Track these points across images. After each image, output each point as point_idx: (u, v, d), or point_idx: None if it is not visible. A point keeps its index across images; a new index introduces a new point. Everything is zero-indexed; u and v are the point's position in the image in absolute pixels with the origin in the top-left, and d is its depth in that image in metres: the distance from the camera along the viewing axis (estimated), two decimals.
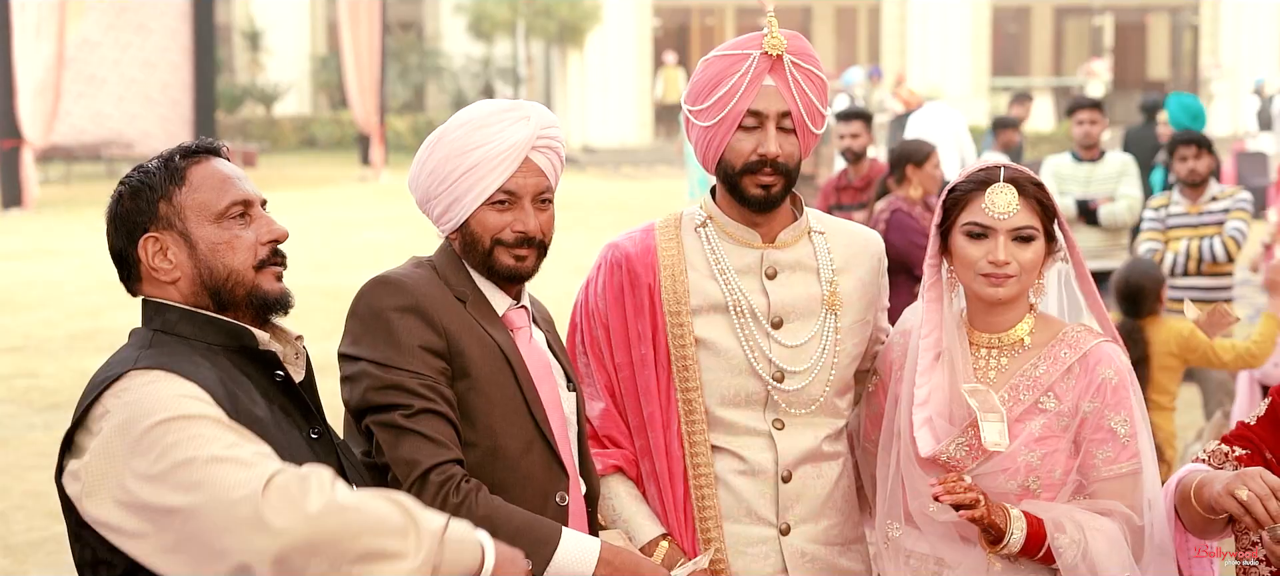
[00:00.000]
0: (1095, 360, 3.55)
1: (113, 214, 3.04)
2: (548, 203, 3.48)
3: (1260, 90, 28.50)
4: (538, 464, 3.40)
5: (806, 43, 3.67)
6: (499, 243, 3.42)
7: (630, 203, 24.70)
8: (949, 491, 3.34)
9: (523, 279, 3.48)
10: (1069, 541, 3.40)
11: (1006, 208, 3.51)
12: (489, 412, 3.35)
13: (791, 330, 3.68)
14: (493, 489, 3.29)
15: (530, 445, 3.40)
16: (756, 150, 3.60)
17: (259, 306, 3.04)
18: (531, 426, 3.41)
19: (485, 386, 3.35)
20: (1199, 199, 9.24)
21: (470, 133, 3.40)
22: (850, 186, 9.93)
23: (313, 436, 3.06)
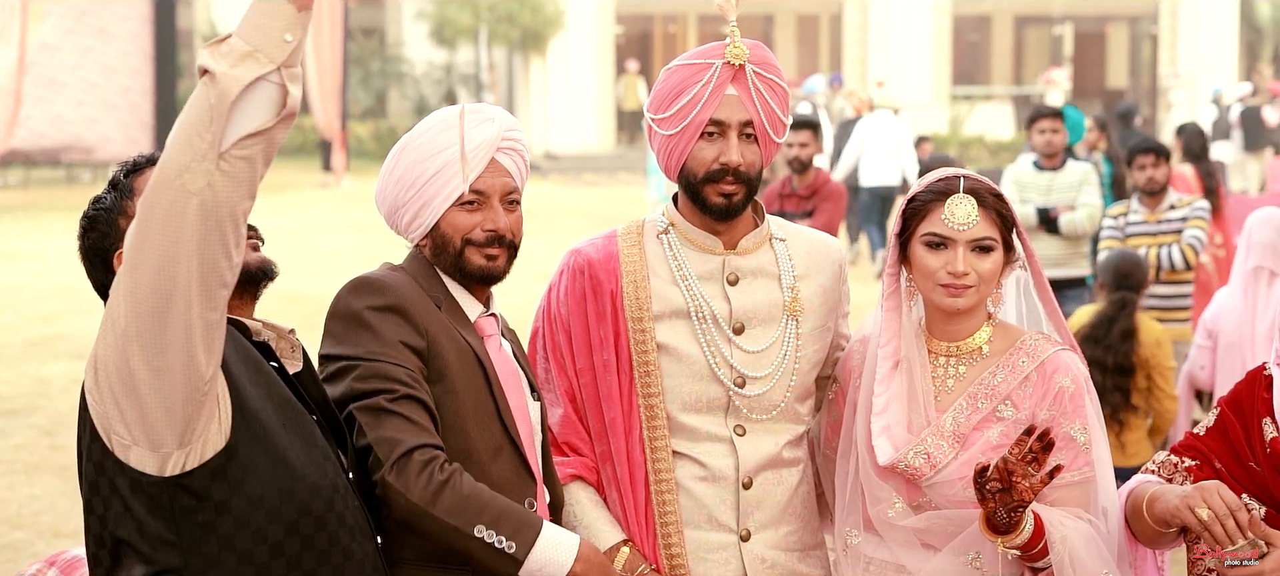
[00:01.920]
0: (1052, 368, 3.58)
1: (83, 251, 3.13)
2: (516, 204, 3.52)
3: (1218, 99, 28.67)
4: (507, 469, 3.41)
5: (768, 52, 3.69)
6: (470, 242, 3.44)
7: (593, 209, 24.69)
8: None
9: (494, 279, 3.49)
10: (1059, 537, 3.42)
11: (966, 219, 3.53)
12: (462, 416, 3.36)
13: (753, 336, 3.70)
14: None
15: (500, 450, 3.41)
16: (718, 159, 3.62)
17: (244, 281, 3.08)
18: (502, 432, 3.42)
19: (459, 390, 3.36)
20: (1157, 207, 9.31)
21: (436, 136, 3.43)
22: (795, 194, 9.94)
23: (317, 419, 3.12)
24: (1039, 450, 3.27)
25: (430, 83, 38.68)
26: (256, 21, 2.75)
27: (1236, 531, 3.22)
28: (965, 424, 3.56)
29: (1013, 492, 3.29)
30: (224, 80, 2.70)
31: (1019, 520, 3.36)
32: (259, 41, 2.74)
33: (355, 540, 3.07)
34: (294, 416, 3.02)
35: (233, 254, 2.78)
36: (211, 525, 2.88)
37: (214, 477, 2.86)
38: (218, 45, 2.74)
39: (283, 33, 2.75)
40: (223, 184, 2.71)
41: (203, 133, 2.70)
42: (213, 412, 2.85)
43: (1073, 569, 3.42)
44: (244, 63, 2.72)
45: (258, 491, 2.91)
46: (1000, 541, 3.40)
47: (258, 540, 2.92)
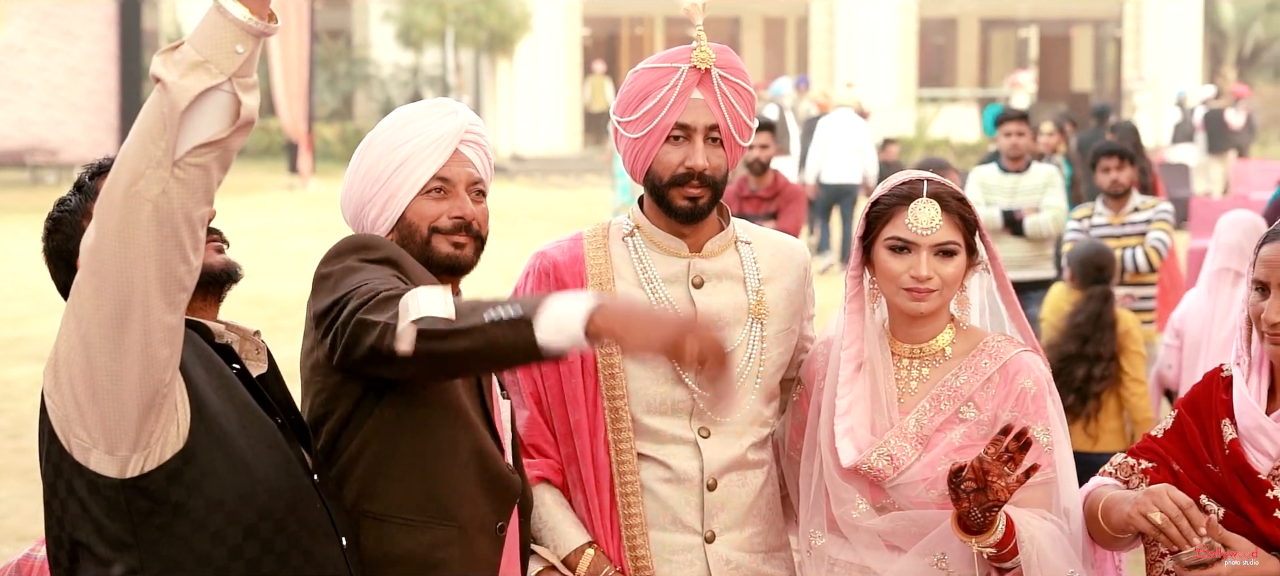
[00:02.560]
0: (1015, 370, 3.60)
1: (47, 253, 3.12)
2: (482, 195, 3.52)
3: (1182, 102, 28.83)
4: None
5: (735, 56, 3.70)
6: (436, 230, 3.44)
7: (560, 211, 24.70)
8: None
9: (462, 269, 3.48)
10: (1027, 536, 3.44)
11: (929, 223, 3.55)
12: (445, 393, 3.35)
13: None
14: (439, 478, 3.29)
15: (494, 405, 3.43)
16: (684, 163, 3.63)
17: (208, 282, 3.08)
18: (482, 412, 3.42)
19: None
20: (1122, 210, 9.37)
21: (400, 129, 3.44)
22: (755, 196, 9.96)
23: (277, 422, 3.09)
24: (1015, 450, 3.28)
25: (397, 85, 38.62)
26: (208, 31, 2.73)
27: (1190, 530, 3.25)
28: (928, 425, 3.58)
29: (988, 492, 3.31)
30: (174, 90, 2.68)
31: (993, 520, 3.38)
32: (210, 52, 2.71)
33: (317, 543, 3.05)
34: (254, 420, 3.01)
35: (191, 258, 2.76)
36: (169, 527, 2.87)
37: (171, 480, 2.85)
38: (170, 53, 2.72)
39: (233, 44, 2.72)
40: (177, 191, 2.70)
41: (156, 140, 2.68)
42: (171, 415, 2.85)
43: (1040, 567, 3.44)
44: (194, 72, 2.69)
45: (216, 494, 2.89)
46: (974, 541, 3.41)
47: (216, 542, 2.90)
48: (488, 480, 3.36)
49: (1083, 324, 7.47)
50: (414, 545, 3.28)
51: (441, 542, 3.29)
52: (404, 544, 3.28)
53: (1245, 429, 3.40)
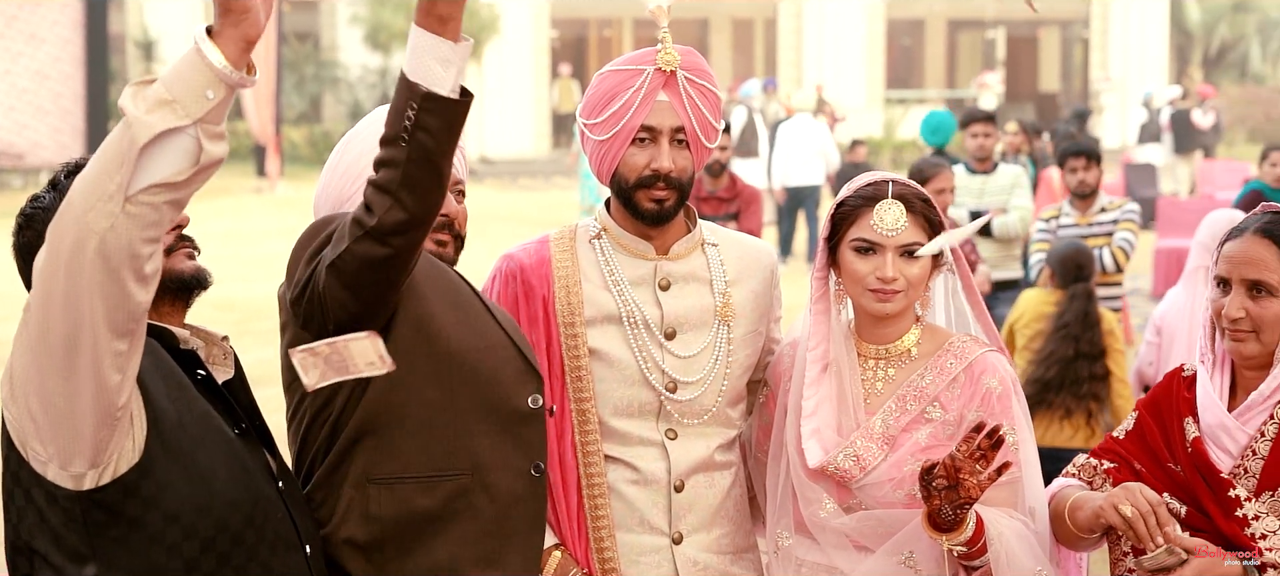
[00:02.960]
0: (980, 370, 3.61)
1: (16, 249, 3.11)
2: (462, 195, 3.54)
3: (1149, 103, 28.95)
4: (508, 365, 3.46)
5: (700, 58, 3.71)
6: None
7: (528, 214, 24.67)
8: None
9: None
10: (996, 534, 3.45)
11: (894, 224, 3.56)
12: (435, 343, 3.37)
13: (684, 341, 3.72)
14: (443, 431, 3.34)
15: (497, 347, 3.45)
16: (650, 165, 3.63)
17: (177, 288, 3.09)
18: (497, 328, 3.46)
19: (428, 294, 3.38)
20: (1088, 210, 9.40)
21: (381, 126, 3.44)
22: (713, 197, 9.98)
23: (237, 431, 3.08)
24: (987, 448, 3.30)
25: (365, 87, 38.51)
26: (182, 70, 2.69)
27: (1156, 528, 3.26)
28: (894, 426, 3.59)
29: (959, 490, 3.32)
30: (135, 125, 2.64)
31: (963, 518, 3.39)
32: (179, 92, 2.67)
33: (276, 554, 3.03)
34: (211, 431, 2.99)
35: (137, 292, 2.72)
36: (124, 539, 2.85)
37: (127, 493, 2.84)
38: (141, 87, 2.68)
39: (205, 88, 2.68)
40: (125, 226, 2.65)
41: (112, 173, 2.64)
42: (127, 431, 2.83)
43: (1008, 565, 3.45)
44: (159, 111, 2.65)
45: (172, 507, 2.88)
46: (944, 539, 3.43)
47: (172, 555, 2.89)
48: (503, 421, 3.38)
49: (1072, 323, 7.53)
50: (430, 502, 3.33)
51: (458, 492, 3.34)
52: (420, 502, 3.32)
53: (1208, 427, 3.42)
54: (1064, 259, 7.80)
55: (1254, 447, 3.36)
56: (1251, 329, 3.37)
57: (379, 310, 3.23)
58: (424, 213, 3.10)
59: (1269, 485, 3.32)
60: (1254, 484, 3.34)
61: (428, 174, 3.06)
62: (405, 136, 3.03)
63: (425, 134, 3.03)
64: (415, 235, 3.13)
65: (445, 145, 3.07)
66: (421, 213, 3.09)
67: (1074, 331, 7.52)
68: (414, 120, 3.02)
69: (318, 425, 3.37)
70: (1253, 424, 3.38)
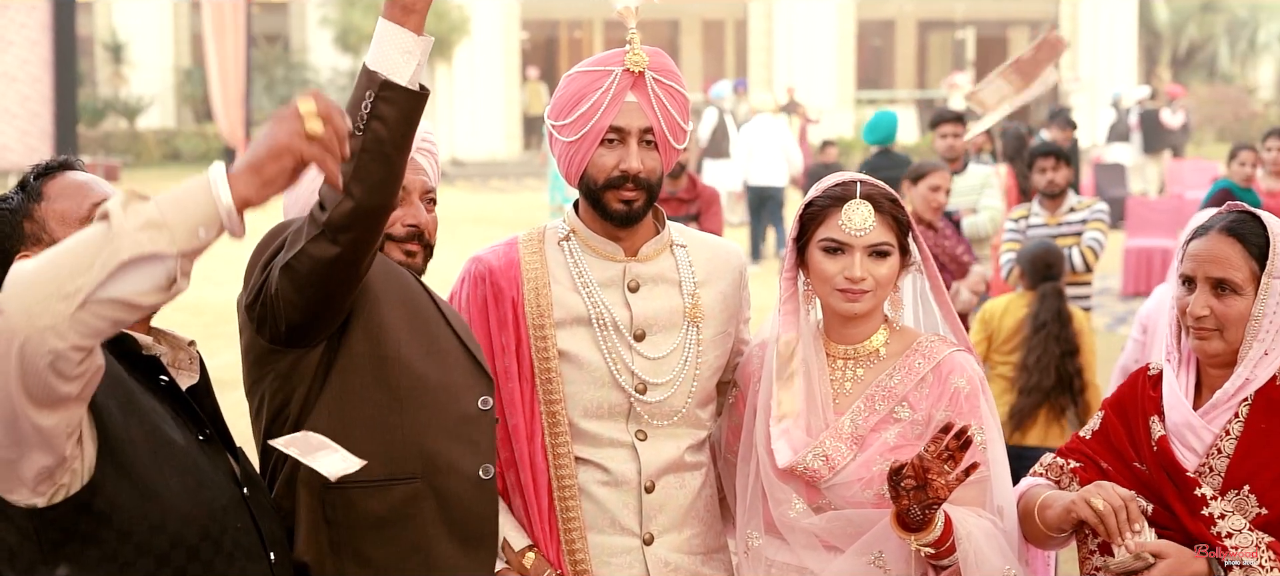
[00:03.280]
0: (948, 370, 3.62)
1: None
2: (433, 202, 3.54)
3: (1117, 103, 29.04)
4: (457, 369, 3.47)
5: (668, 59, 3.71)
6: (390, 237, 3.46)
7: (499, 215, 24.65)
8: None
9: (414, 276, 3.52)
10: (964, 533, 3.47)
11: (863, 224, 3.57)
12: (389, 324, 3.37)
13: (654, 342, 3.72)
14: (393, 435, 3.33)
15: (448, 352, 3.46)
16: (618, 166, 3.63)
17: None
18: (450, 334, 3.47)
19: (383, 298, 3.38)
20: (1058, 210, 9.44)
21: None
22: (673, 198, 10.00)
23: (200, 439, 3.06)
24: (955, 448, 3.31)
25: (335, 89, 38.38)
26: (182, 199, 2.58)
27: (1126, 524, 3.28)
28: (863, 425, 3.60)
29: (928, 490, 3.33)
30: (120, 238, 2.52)
31: (932, 517, 3.40)
32: (174, 220, 2.56)
33: (235, 564, 3.00)
34: (163, 444, 2.95)
35: (62, 386, 2.61)
36: (79, 556, 2.82)
37: (78, 511, 2.81)
38: (133, 199, 2.56)
39: (200, 224, 2.59)
40: (66, 329, 2.53)
41: (79, 274, 2.52)
42: (76, 455, 2.80)
43: (977, 565, 3.46)
44: (147, 231, 2.55)
45: (124, 525, 2.85)
46: (913, 538, 3.43)
47: (126, 571, 2.86)
48: (452, 424, 3.39)
49: (1051, 322, 7.57)
50: (381, 506, 3.34)
51: (407, 498, 3.34)
52: (371, 506, 3.34)
53: (1173, 425, 3.43)
54: (1033, 259, 7.84)
55: (1219, 446, 3.38)
56: (1216, 327, 3.38)
57: (331, 314, 3.24)
58: (373, 205, 3.10)
59: (1234, 483, 3.34)
60: (1219, 482, 3.36)
61: (379, 165, 3.07)
62: (360, 126, 3.03)
63: (379, 123, 3.04)
64: (362, 231, 3.12)
65: (399, 136, 3.07)
66: (370, 205, 3.09)
67: (1054, 331, 7.56)
68: (370, 109, 3.03)
69: (276, 428, 3.37)
70: (1218, 422, 3.40)
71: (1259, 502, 3.31)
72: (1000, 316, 7.85)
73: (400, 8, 3.08)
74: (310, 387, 3.31)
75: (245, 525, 3.06)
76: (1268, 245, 3.36)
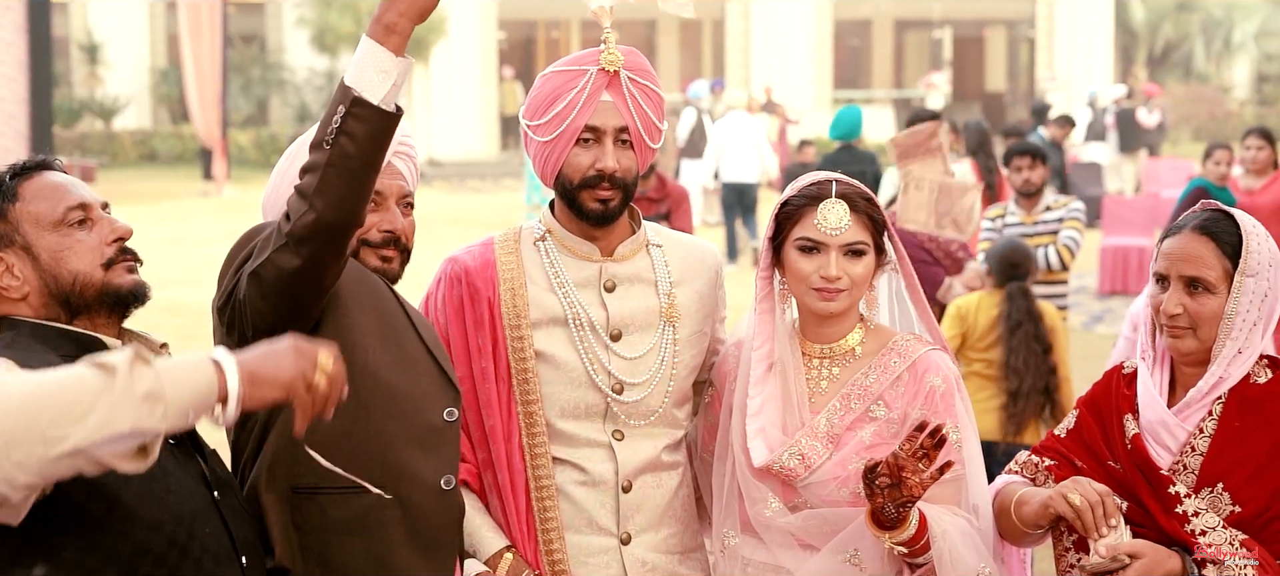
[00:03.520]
0: (924, 368, 3.63)
1: None
2: (410, 207, 3.55)
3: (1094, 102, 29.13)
4: (425, 378, 3.46)
5: (643, 58, 3.71)
6: (366, 243, 3.47)
7: (477, 216, 24.64)
8: None
9: (388, 282, 3.52)
10: (939, 531, 3.48)
11: (838, 223, 3.58)
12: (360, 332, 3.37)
13: (630, 342, 3.73)
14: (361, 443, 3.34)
15: (417, 361, 3.46)
16: (594, 165, 3.63)
17: (114, 303, 3.05)
18: (419, 345, 3.47)
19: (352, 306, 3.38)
20: (1034, 209, 9.45)
21: None
22: (642, 198, 10.01)
23: (170, 442, 3.04)
24: (930, 446, 3.32)
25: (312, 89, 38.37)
26: (182, 376, 2.53)
27: (1104, 518, 3.29)
28: (839, 424, 3.61)
29: (902, 488, 3.33)
30: (121, 402, 2.44)
31: (906, 516, 3.41)
32: (172, 396, 2.50)
33: (203, 569, 2.98)
34: None
35: (13, 493, 2.54)
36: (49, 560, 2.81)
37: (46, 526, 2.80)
38: (139, 360, 2.49)
39: (191, 407, 2.53)
40: (34, 470, 2.45)
41: (65, 423, 2.43)
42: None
43: (952, 563, 3.47)
44: (148, 404, 2.47)
45: (90, 536, 2.84)
46: (887, 537, 3.44)
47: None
48: (417, 434, 3.39)
49: (1026, 321, 7.59)
50: (347, 513, 3.34)
51: (373, 506, 3.34)
52: (336, 514, 3.34)
53: (1147, 423, 3.45)
54: (1001, 258, 7.85)
55: (1193, 444, 3.39)
56: (1189, 325, 3.40)
57: (297, 322, 3.23)
58: (334, 220, 3.09)
59: (1208, 481, 3.35)
60: (1193, 480, 3.37)
61: (344, 180, 3.06)
62: (329, 139, 3.03)
63: (347, 139, 3.04)
64: (323, 245, 3.12)
65: (367, 154, 3.07)
66: (331, 220, 3.08)
67: (1031, 330, 7.58)
68: (339, 124, 3.03)
69: (245, 432, 3.37)
70: (1192, 420, 3.41)
71: (1233, 500, 3.33)
72: (974, 313, 7.86)
73: (382, 27, 3.08)
74: None
75: (215, 530, 3.04)
76: (1240, 243, 3.37)
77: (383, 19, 3.09)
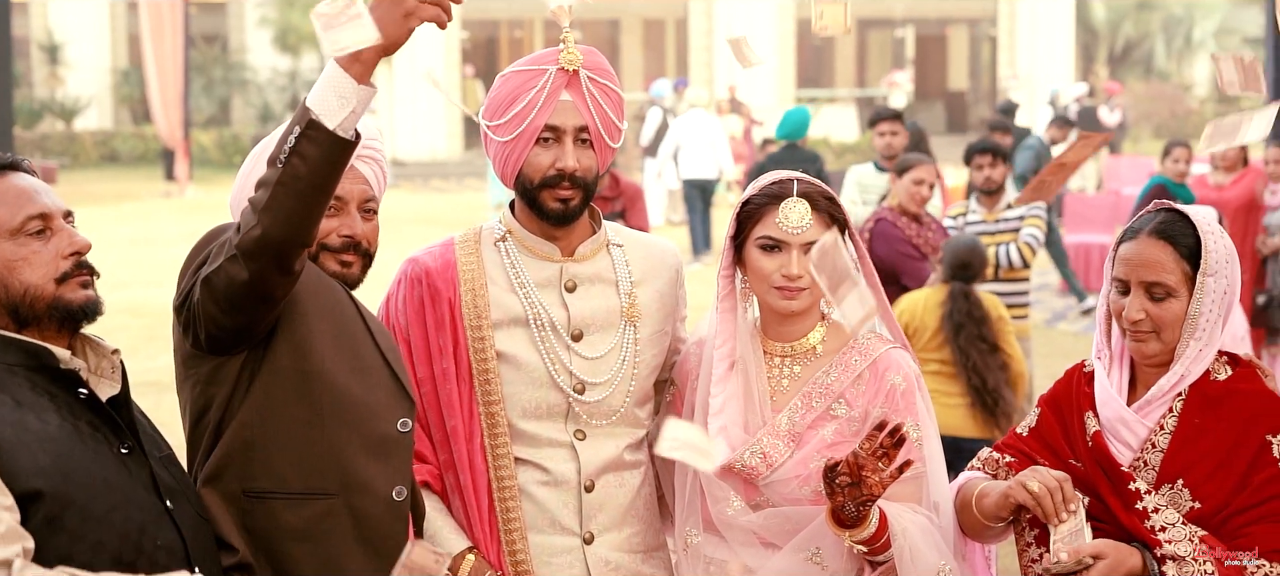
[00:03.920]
0: (884, 366, 3.64)
1: None
2: (373, 212, 3.52)
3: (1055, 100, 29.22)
4: (380, 388, 3.43)
5: (602, 57, 3.71)
6: (325, 247, 3.44)
7: (441, 216, 24.59)
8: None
9: (349, 286, 3.50)
10: (899, 530, 3.49)
11: (800, 221, 3.58)
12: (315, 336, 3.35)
13: (591, 342, 3.73)
14: (313, 449, 3.31)
15: (372, 370, 3.43)
16: (554, 165, 3.63)
17: (63, 318, 3.00)
18: (375, 351, 3.44)
19: (310, 312, 3.35)
20: (995, 206, 9.48)
21: None
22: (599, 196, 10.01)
23: (123, 452, 3.01)
24: (889, 445, 3.32)
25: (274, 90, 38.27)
26: None
27: (1063, 504, 3.31)
28: (800, 423, 3.61)
29: (862, 487, 3.34)
30: None
31: (866, 514, 3.42)
32: None
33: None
34: (78, 469, 2.89)
35: None
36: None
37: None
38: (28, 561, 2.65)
39: None
40: None
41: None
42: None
43: (912, 560, 3.49)
44: None
45: (35, 558, 2.79)
46: (847, 535, 3.45)
47: None
48: (371, 443, 3.37)
49: (965, 323, 7.60)
50: (297, 519, 3.31)
51: (323, 513, 3.32)
52: (287, 519, 3.31)
53: (1107, 420, 3.46)
54: (953, 254, 7.84)
55: (1154, 441, 3.41)
56: (1152, 330, 3.41)
57: (250, 330, 3.22)
58: (283, 237, 3.07)
59: (1168, 477, 3.37)
60: (1154, 476, 3.39)
61: (294, 200, 3.05)
62: (282, 158, 3.03)
63: (300, 160, 3.03)
64: (269, 261, 3.09)
65: (319, 177, 3.06)
66: (277, 237, 3.06)
67: (973, 331, 7.59)
68: (293, 144, 3.02)
69: (198, 432, 3.35)
70: (1152, 417, 3.42)
71: (1192, 496, 3.34)
72: (921, 313, 7.86)
73: (348, 54, 3.07)
74: (232, 394, 3.29)
75: (168, 541, 3.01)
76: (1198, 245, 3.38)
77: (357, 59, 3.08)
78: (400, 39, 3.08)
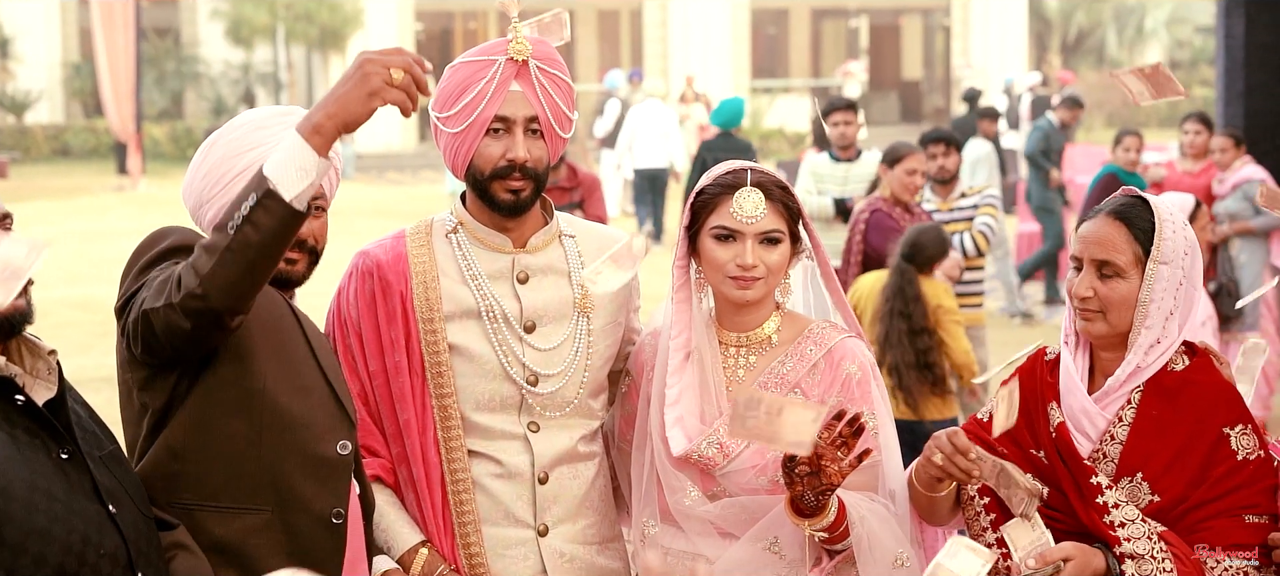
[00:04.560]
0: (840, 356, 3.64)
1: None
2: (322, 210, 3.49)
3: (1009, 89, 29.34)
4: (320, 409, 3.40)
5: (551, 47, 3.69)
6: None
7: (397, 208, 24.53)
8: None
9: (293, 284, 3.48)
10: (857, 518, 3.48)
11: (754, 211, 3.58)
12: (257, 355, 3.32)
13: (544, 334, 3.71)
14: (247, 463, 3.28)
15: (312, 390, 3.40)
16: (505, 155, 3.61)
17: None
18: (316, 371, 3.41)
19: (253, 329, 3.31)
20: (949, 195, 9.49)
21: (248, 133, 3.39)
22: (554, 187, 10.00)
23: (62, 457, 2.95)
24: (848, 435, 3.32)
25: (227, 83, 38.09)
26: None
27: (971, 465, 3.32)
28: None
29: (821, 476, 3.34)
30: None
31: (825, 504, 3.42)
32: None
33: None
34: (10, 485, 2.83)
35: None
36: None
37: None
38: None
39: None
40: None
41: None
42: None
43: (870, 548, 3.49)
44: None
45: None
46: (807, 524, 3.45)
47: None
48: (309, 464, 3.34)
49: (892, 298, 7.61)
50: (226, 532, 3.27)
51: (255, 528, 3.29)
52: (215, 531, 3.27)
53: (1069, 410, 3.44)
54: (906, 239, 7.85)
55: (1113, 432, 3.41)
56: (1099, 309, 3.41)
57: (191, 357, 3.22)
58: (224, 306, 3.06)
59: (1127, 470, 3.37)
60: (1113, 469, 3.38)
61: (240, 271, 3.03)
62: (234, 224, 3.00)
63: (252, 228, 3.00)
64: (211, 322, 3.08)
65: (268, 246, 3.04)
66: (221, 306, 3.05)
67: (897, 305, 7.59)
68: (247, 213, 3.00)
69: (133, 435, 3.32)
70: (1111, 408, 3.42)
71: (1151, 490, 3.34)
72: (866, 295, 7.88)
73: (310, 125, 3.05)
74: (171, 401, 3.26)
75: (111, 548, 2.95)
76: (1154, 230, 3.39)
77: (312, 117, 3.07)
78: (362, 118, 3.08)
